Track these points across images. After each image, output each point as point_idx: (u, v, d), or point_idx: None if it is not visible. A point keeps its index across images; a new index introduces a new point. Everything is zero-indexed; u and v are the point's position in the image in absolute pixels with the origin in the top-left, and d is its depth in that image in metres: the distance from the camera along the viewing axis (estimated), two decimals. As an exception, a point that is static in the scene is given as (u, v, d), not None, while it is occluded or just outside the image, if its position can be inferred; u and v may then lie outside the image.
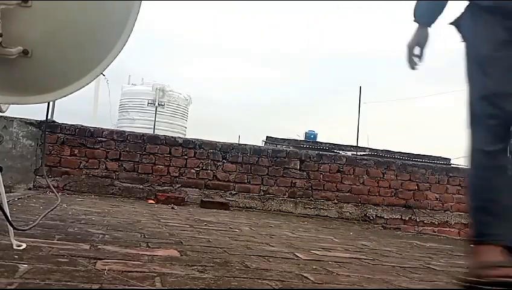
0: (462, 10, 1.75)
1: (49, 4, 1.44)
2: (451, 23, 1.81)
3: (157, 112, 19.20)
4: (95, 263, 1.29)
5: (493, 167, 1.50)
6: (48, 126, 4.79)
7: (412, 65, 1.99)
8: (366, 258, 2.04)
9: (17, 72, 1.49)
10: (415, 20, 1.99)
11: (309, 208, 5.34)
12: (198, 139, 5.28)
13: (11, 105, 1.71)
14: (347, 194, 5.51)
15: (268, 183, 5.27)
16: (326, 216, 5.34)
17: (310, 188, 5.40)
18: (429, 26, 1.96)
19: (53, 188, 2.92)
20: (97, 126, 5.17)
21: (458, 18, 1.81)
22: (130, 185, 4.97)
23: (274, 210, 5.17)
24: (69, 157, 4.86)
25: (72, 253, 1.40)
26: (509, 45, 1.57)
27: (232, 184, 5.19)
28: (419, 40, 1.98)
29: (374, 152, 14.69)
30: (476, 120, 1.55)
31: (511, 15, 1.59)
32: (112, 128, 6.25)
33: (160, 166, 5.07)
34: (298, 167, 5.40)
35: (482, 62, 1.61)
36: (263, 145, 7.85)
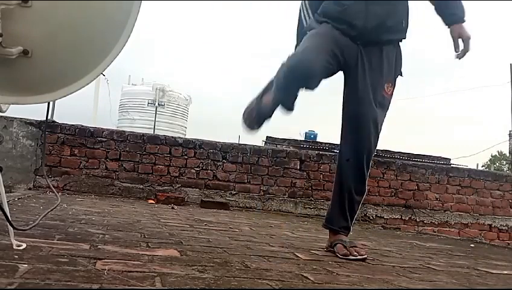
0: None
1: (49, 4, 1.44)
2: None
3: (157, 112, 19.19)
4: (95, 263, 1.29)
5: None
6: (48, 126, 4.79)
7: None
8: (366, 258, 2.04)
9: (17, 72, 1.49)
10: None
11: (309, 208, 5.34)
12: (198, 139, 5.28)
13: (11, 105, 1.71)
14: (347, 194, 5.51)
15: (268, 183, 5.27)
16: (326, 216, 5.34)
17: (310, 188, 5.40)
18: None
19: (53, 188, 2.92)
20: (97, 126, 5.17)
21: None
22: (130, 185, 4.97)
23: (274, 210, 5.18)
24: (69, 157, 4.86)
25: (72, 253, 1.40)
26: None
27: (232, 184, 5.19)
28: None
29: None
30: None
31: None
32: (112, 128, 6.25)
33: (160, 166, 5.07)
34: (298, 167, 5.40)
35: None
36: (263, 145, 7.86)
